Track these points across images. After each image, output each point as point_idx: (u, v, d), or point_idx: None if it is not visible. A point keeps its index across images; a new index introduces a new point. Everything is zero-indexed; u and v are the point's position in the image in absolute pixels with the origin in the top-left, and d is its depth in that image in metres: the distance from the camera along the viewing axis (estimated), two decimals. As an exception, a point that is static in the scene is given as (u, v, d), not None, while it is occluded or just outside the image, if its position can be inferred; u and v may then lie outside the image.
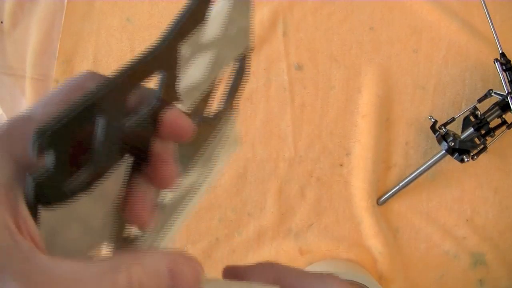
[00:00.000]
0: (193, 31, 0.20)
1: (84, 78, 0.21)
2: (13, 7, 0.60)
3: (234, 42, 0.24)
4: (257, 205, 0.57)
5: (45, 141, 0.16)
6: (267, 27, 0.57)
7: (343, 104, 0.56)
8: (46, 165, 0.17)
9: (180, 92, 0.21)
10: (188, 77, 0.22)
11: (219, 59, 0.24)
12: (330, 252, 0.56)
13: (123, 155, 0.20)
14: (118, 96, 0.18)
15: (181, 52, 0.20)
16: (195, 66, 0.22)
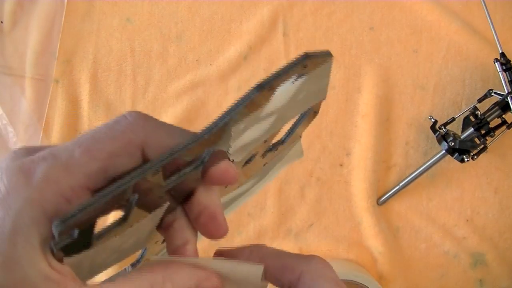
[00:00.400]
0: (249, 114, 0.19)
1: (131, 125, 0.19)
2: (13, 7, 0.60)
3: (304, 102, 0.23)
4: (257, 205, 0.57)
5: (66, 227, 0.17)
6: (267, 27, 0.57)
7: (343, 104, 0.56)
8: (71, 234, 0.17)
9: (230, 152, 0.21)
10: (242, 139, 0.21)
11: (284, 118, 0.23)
12: (330, 252, 0.56)
13: (161, 205, 0.20)
14: (156, 178, 0.18)
15: (236, 128, 0.19)
16: (252, 131, 0.21)
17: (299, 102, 0.23)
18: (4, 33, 0.60)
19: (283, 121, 0.23)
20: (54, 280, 0.17)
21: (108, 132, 0.19)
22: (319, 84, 0.22)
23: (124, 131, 0.19)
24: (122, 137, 0.19)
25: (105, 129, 0.19)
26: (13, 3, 0.60)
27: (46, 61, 0.60)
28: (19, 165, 0.18)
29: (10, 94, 0.60)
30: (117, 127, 0.19)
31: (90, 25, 0.60)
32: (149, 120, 0.20)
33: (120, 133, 0.19)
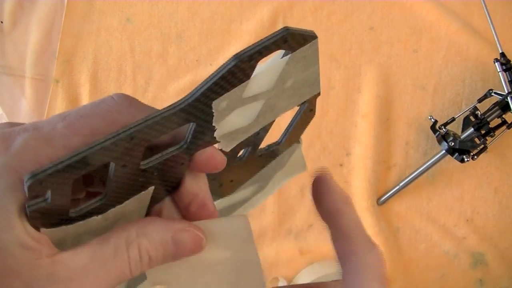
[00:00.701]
0: (229, 88, 0.19)
1: (117, 105, 0.19)
2: (13, 7, 0.60)
3: (294, 92, 0.22)
4: (257, 205, 0.57)
5: (38, 186, 0.16)
6: (267, 27, 0.57)
7: (343, 104, 0.56)
8: (45, 198, 0.17)
9: (216, 136, 0.20)
10: (228, 124, 0.21)
11: (273, 108, 0.23)
12: (330, 252, 0.56)
13: (145, 188, 0.20)
14: (134, 147, 0.18)
15: (215, 106, 0.19)
16: (238, 115, 0.21)
17: (289, 91, 0.22)
18: (4, 33, 0.60)
19: (273, 112, 0.23)
20: (29, 247, 0.16)
21: (94, 110, 0.19)
22: (307, 71, 0.21)
23: (110, 110, 0.19)
24: (106, 115, 0.19)
25: (91, 107, 0.19)
26: (13, 3, 0.60)
27: (46, 61, 0.60)
28: (0, 134, 0.18)
29: (10, 94, 0.60)
30: (103, 106, 0.19)
31: (90, 25, 0.60)
32: (135, 103, 0.20)
33: (105, 112, 0.19)
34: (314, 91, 0.23)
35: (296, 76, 0.21)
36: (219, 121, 0.19)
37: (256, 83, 0.20)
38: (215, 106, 0.19)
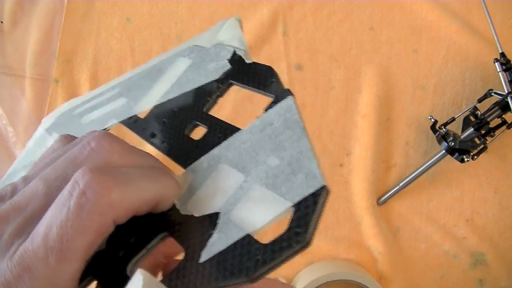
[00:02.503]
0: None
1: (96, 206, 0.18)
2: (13, 7, 0.60)
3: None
4: (257, 205, 0.57)
5: None
6: (267, 27, 0.57)
7: (343, 104, 0.56)
8: None
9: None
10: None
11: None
12: (330, 252, 0.56)
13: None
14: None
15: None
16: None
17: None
18: (4, 33, 0.60)
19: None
20: None
21: (77, 226, 0.18)
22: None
23: (93, 219, 0.18)
24: (93, 227, 0.18)
25: (71, 223, 0.18)
26: (13, 3, 0.60)
27: (46, 61, 0.60)
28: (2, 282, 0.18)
29: (10, 94, 0.60)
30: (83, 215, 0.18)
31: (90, 25, 0.60)
32: (112, 186, 0.19)
33: (89, 223, 0.18)
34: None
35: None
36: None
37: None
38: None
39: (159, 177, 0.21)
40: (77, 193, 0.18)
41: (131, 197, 0.19)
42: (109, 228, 0.18)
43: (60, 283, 0.18)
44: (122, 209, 0.19)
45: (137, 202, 0.19)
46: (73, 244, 0.18)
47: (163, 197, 0.20)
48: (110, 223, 0.18)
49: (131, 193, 0.19)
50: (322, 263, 0.56)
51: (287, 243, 0.18)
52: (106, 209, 0.18)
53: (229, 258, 0.18)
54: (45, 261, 0.17)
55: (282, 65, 0.57)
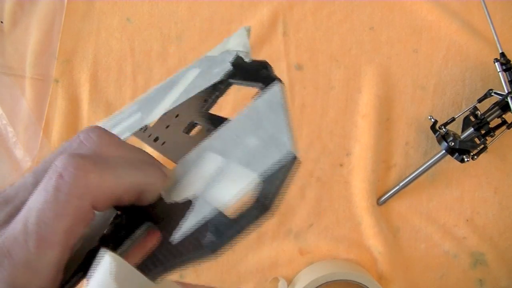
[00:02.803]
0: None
1: (74, 188, 0.18)
2: (13, 7, 0.60)
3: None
4: (257, 205, 0.57)
5: None
6: (267, 27, 0.57)
7: (343, 104, 0.56)
8: None
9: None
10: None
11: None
12: (330, 252, 0.56)
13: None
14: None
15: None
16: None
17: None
18: (4, 33, 0.60)
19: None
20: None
21: (55, 209, 0.18)
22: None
23: (70, 201, 0.18)
24: (70, 209, 0.18)
25: (49, 205, 0.18)
26: (13, 3, 0.60)
27: (46, 61, 0.60)
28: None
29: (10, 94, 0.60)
30: (61, 197, 0.18)
31: (90, 25, 0.60)
32: (89, 169, 0.19)
33: (67, 206, 0.18)
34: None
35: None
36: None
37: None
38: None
39: (143, 166, 0.21)
40: (55, 176, 0.18)
41: (110, 182, 0.19)
42: (87, 213, 0.18)
43: (40, 270, 0.18)
44: (100, 193, 0.19)
45: (118, 189, 0.19)
46: (51, 229, 0.18)
47: (147, 186, 0.20)
48: (88, 208, 0.18)
49: (110, 177, 0.19)
50: (322, 263, 0.56)
51: (251, 214, 0.17)
52: (83, 191, 0.18)
53: (197, 234, 0.18)
54: (25, 246, 0.17)
55: (282, 65, 0.57)
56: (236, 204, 0.18)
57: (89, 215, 0.19)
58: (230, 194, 0.18)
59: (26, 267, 0.17)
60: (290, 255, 0.57)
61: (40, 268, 0.18)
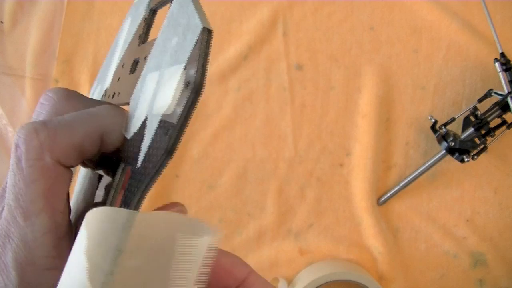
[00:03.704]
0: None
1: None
2: (13, 7, 0.60)
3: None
4: (257, 205, 0.57)
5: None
6: (267, 27, 0.57)
7: (343, 104, 0.56)
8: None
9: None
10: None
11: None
12: (330, 252, 0.56)
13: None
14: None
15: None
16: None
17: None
18: (4, 33, 0.60)
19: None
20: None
21: (22, 178, 0.19)
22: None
23: (31, 165, 0.19)
24: (35, 173, 0.19)
25: (17, 177, 0.19)
26: (13, 3, 0.60)
27: (46, 61, 0.60)
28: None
29: (10, 94, 0.60)
30: (23, 164, 0.19)
31: (90, 25, 0.60)
32: (38, 129, 0.19)
33: (30, 170, 0.19)
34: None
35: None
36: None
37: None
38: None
39: (98, 111, 0.21)
40: (13, 149, 0.19)
41: (65, 134, 0.19)
42: (56, 170, 0.19)
43: (37, 240, 0.18)
44: (59, 148, 0.19)
45: (74, 138, 0.19)
46: (28, 197, 0.18)
47: (105, 128, 0.20)
48: (54, 164, 0.19)
49: (63, 130, 0.19)
50: (322, 263, 0.56)
51: (186, 99, 0.17)
52: (38, 151, 0.18)
53: (153, 146, 0.18)
54: (16, 223, 0.18)
55: (282, 65, 0.57)
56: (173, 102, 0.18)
57: (60, 171, 0.19)
58: (168, 96, 0.18)
59: (25, 242, 0.18)
60: (290, 255, 0.57)
61: (35, 237, 0.18)
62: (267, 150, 0.57)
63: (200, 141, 0.58)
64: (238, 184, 0.57)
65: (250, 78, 0.57)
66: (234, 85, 0.57)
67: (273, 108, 0.57)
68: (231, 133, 0.57)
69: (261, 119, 0.57)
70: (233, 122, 0.57)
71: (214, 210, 0.57)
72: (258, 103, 0.57)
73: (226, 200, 0.57)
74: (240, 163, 0.57)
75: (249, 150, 0.57)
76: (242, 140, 0.57)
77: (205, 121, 0.57)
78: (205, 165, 0.58)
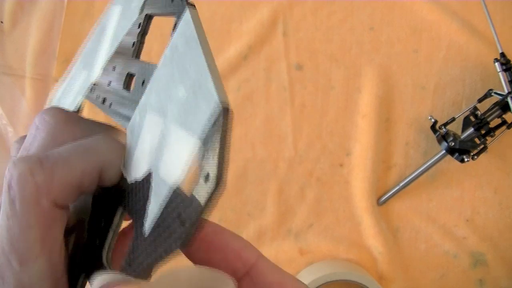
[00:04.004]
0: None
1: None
2: (13, 7, 0.60)
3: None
4: (257, 205, 0.57)
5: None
6: (267, 27, 0.57)
7: (343, 104, 0.56)
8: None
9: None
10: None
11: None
12: (330, 252, 0.56)
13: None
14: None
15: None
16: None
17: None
18: (4, 33, 0.60)
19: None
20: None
21: (18, 223, 0.17)
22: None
23: (27, 210, 0.17)
24: (32, 217, 0.17)
25: (12, 221, 0.17)
26: (13, 3, 0.60)
27: (46, 61, 0.60)
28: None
29: (10, 94, 0.60)
30: (17, 208, 0.17)
31: (90, 25, 0.60)
32: (34, 170, 0.18)
33: (26, 215, 0.17)
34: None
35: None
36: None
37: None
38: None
39: (97, 144, 0.19)
40: (6, 187, 0.17)
41: (62, 174, 0.18)
42: (53, 213, 0.18)
43: (33, 284, 0.17)
44: (57, 190, 0.18)
45: (72, 178, 0.18)
46: (24, 243, 0.17)
47: (104, 164, 0.19)
48: (51, 208, 0.17)
49: (61, 169, 0.18)
50: (322, 263, 0.56)
51: (205, 190, 0.15)
52: (35, 194, 0.17)
53: (165, 223, 0.16)
54: (10, 267, 0.17)
55: (282, 65, 0.57)
56: (186, 177, 0.16)
57: (57, 214, 0.18)
58: (179, 168, 0.16)
59: (20, 286, 0.17)
60: (290, 255, 0.57)
61: (32, 282, 0.17)
62: (267, 150, 0.57)
63: (200, 141, 0.58)
64: (238, 184, 0.57)
65: (250, 78, 0.57)
66: (234, 85, 0.57)
67: (273, 108, 0.57)
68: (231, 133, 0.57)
69: (261, 119, 0.57)
70: (233, 122, 0.57)
71: (214, 210, 0.57)
72: (258, 103, 0.57)
73: (226, 200, 0.57)
74: (240, 163, 0.57)
75: (249, 150, 0.57)
76: (242, 140, 0.57)
77: (205, 121, 0.57)
78: (205, 165, 0.58)
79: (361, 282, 0.50)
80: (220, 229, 0.19)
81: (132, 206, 0.18)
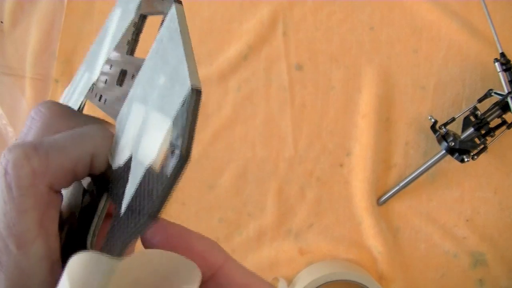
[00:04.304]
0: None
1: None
2: (13, 7, 0.60)
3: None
4: (257, 205, 0.57)
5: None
6: (267, 27, 0.57)
7: (343, 104, 0.56)
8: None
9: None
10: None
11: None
12: (330, 252, 0.56)
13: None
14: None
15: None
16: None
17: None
18: (4, 33, 0.60)
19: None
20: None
21: (15, 207, 0.18)
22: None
23: (24, 193, 0.18)
24: (28, 201, 0.18)
25: (9, 205, 0.18)
26: (13, 3, 0.60)
27: (46, 61, 0.60)
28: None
29: (10, 94, 0.60)
30: (14, 193, 0.18)
31: (90, 25, 0.60)
32: (30, 154, 0.18)
33: (23, 199, 0.18)
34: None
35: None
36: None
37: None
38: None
39: (90, 131, 0.20)
40: (2, 173, 0.18)
41: (57, 159, 0.18)
42: (49, 196, 0.18)
43: (31, 266, 0.18)
44: (52, 174, 0.18)
45: (67, 163, 0.18)
46: (21, 226, 0.17)
47: (95, 151, 0.20)
48: (46, 191, 0.18)
49: (56, 155, 0.18)
50: (322, 263, 0.56)
51: (172, 166, 0.16)
52: (31, 178, 0.18)
53: (137, 201, 0.17)
54: (8, 250, 0.17)
55: (282, 65, 0.57)
56: (159, 156, 0.17)
57: (53, 198, 0.18)
58: (154, 148, 0.17)
59: (18, 268, 0.17)
60: (290, 255, 0.57)
61: (30, 265, 0.18)
62: (267, 150, 0.57)
63: (200, 141, 0.58)
64: (238, 184, 0.57)
65: (250, 78, 0.57)
66: (234, 85, 0.57)
67: (273, 108, 0.57)
68: (231, 133, 0.57)
69: (261, 119, 0.57)
70: (233, 122, 0.57)
71: (214, 210, 0.58)
72: (258, 103, 0.57)
73: (226, 200, 0.57)
74: (240, 163, 0.57)
75: (249, 150, 0.57)
76: (242, 140, 0.57)
77: (205, 121, 0.57)
78: (205, 165, 0.58)
79: (361, 282, 0.50)
80: (185, 232, 0.19)
81: (115, 191, 0.19)
